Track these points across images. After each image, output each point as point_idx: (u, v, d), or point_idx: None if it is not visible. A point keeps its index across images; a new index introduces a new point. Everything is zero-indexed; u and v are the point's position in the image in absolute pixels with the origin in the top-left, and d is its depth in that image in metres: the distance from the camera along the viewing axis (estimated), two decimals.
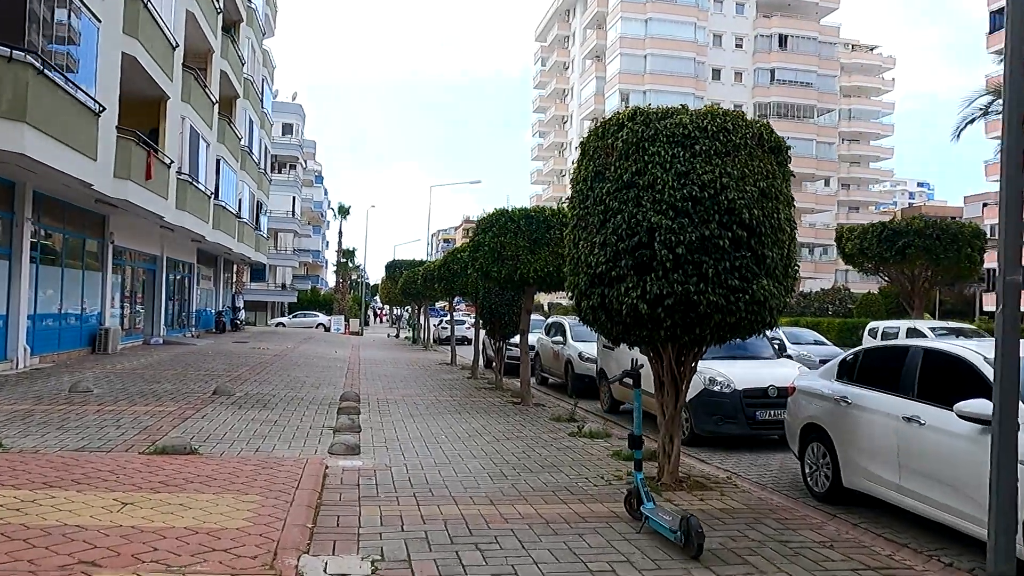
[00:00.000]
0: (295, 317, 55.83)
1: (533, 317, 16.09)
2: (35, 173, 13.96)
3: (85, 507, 5.54)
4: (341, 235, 62.83)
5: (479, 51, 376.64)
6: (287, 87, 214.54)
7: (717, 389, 9.84)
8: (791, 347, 18.67)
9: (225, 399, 11.89)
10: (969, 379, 5.65)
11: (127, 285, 23.36)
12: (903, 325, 18.88)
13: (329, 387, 14.44)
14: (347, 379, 16.26)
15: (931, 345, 6.35)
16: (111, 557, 4.55)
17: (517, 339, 15.19)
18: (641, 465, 5.92)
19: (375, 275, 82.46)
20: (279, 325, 53.80)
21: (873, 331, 19.72)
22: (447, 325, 30.26)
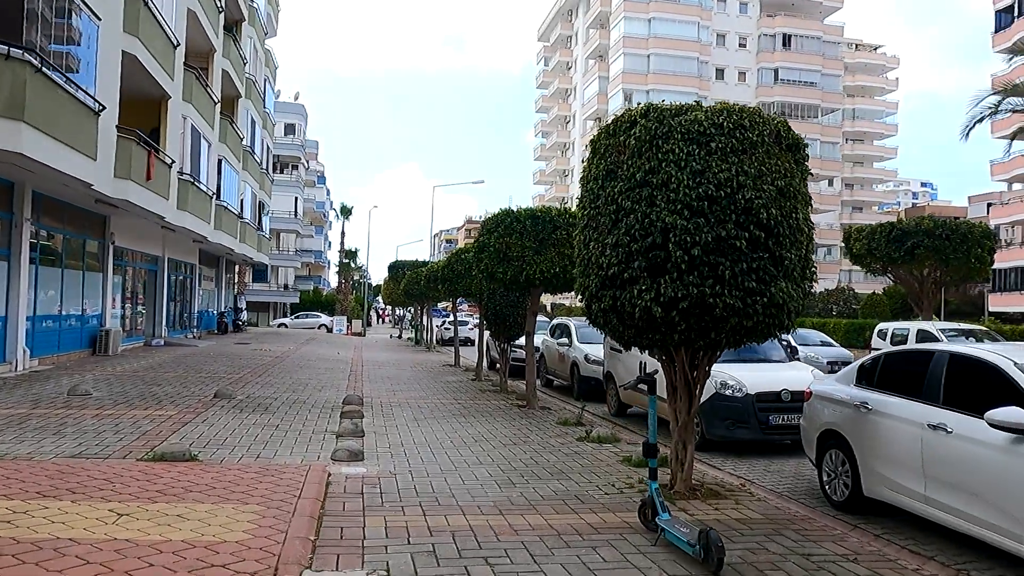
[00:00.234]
0: (297, 318, 55.67)
1: (537, 319, 15.86)
2: (34, 173, 13.76)
3: (79, 519, 5.33)
4: (343, 235, 62.72)
5: (481, 51, 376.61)
6: (289, 87, 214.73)
7: (729, 393, 9.61)
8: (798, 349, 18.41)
9: (226, 402, 11.68)
10: (999, 386, 5.42)
11: (128, 286, 23.18)
12: (913, 326, 18.64)
13: (332, 390, 14.24)
14: (350, 381, 16.05)
15: (957, 350, 6.11)
16: (104, 574, 4.34)
17: (522, 341, 15.00)
18: (656, 474, 5.71)
19: (377, 276, 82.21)
20: (281, 326, 53.65)
21: (882, 332, 19.49)
22: (450, 326, 30.06)
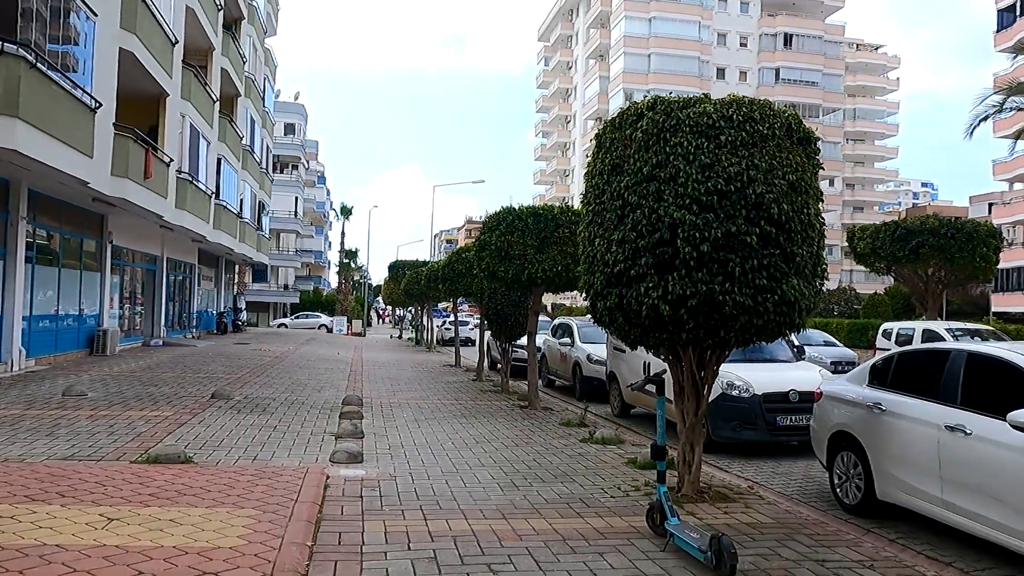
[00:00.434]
0: (297, 318, 55.51)
1: (539, 318, 15.69)
2: (29, 171, 13.58)
3: (68, 524, 5.15)
4: (343, 235, 62.56)
5: (482, 51, 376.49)
6: (289, 87, 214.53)
7: (735, 394, 9.42)
8: None
9: (223, 403, 11.50)
10: (1020, 386, 5.24)
11: (126, 286, 23.00)
12: (919, 326, 18.43)
13: (331, 390, 14.06)
14: (349, 382, 15.88)
15: (976, 349, 5.93)
16: None
17: (523, 341, 14.82)
18: (664, 477, 5.53)
19: (377, 276, 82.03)
20: (281, 326, 53.49)
21: (887, 332, 19.29)
22: (450, 326, 29.87)
